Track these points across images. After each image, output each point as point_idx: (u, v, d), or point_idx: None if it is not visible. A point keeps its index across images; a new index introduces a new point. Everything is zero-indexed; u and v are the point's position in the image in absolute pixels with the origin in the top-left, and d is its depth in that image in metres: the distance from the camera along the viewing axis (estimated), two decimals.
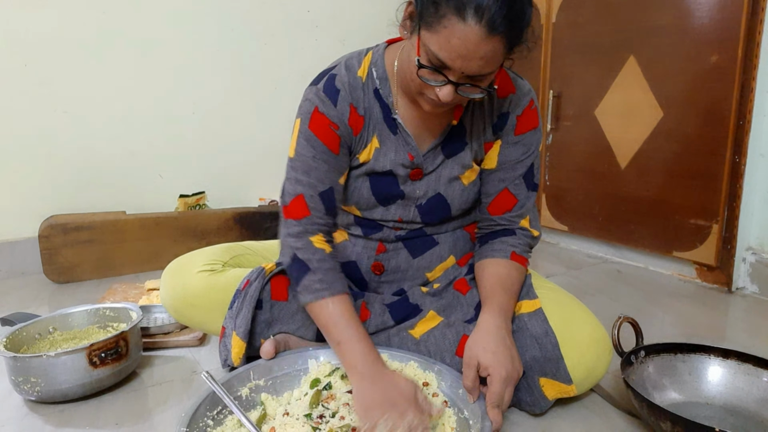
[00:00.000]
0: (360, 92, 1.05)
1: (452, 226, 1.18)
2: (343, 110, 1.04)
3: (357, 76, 1.06)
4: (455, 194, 1.11)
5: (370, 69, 1.06)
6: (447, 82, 0.89)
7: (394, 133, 1.07)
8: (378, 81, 1.06)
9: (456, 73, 0.88)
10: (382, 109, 1.07)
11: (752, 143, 1.64)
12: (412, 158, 1.07)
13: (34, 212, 1.95)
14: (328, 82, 1.05)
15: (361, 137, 1.07)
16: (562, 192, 2.20)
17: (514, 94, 1.08)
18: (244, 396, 1.02)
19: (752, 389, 1.02)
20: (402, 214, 1.12)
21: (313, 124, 1.04)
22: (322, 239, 1.05)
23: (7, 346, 1.13)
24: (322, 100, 1.04)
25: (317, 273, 1.01)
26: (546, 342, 1.00)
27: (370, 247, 1.16)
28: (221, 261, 1.21)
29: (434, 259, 1.18)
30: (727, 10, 1.61)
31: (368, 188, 1.10)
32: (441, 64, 0.87)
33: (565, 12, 2.09)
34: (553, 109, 2.16)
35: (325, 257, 1.03)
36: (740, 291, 1.73)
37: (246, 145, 2.34)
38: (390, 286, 1.19)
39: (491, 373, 0.92)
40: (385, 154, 1.07)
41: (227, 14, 2.23)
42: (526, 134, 1.10)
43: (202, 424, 0.91)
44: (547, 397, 1.02)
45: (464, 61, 0.85)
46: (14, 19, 1.85)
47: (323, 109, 1.04)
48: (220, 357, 1.15)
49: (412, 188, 1.10)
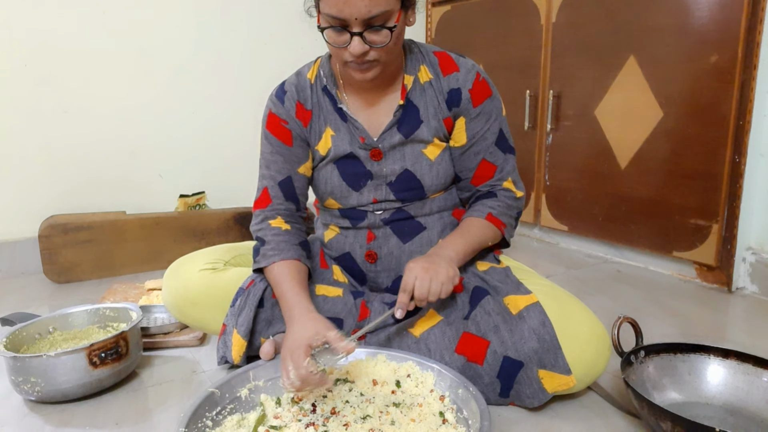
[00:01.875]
0: (308, 91, 1.19)
1: (435, 206, 1.21)
2: (289, 107, 1.18)
3: (306, 78, 1.20)
4: (424, 169, 1.17)
5: (318, 71, 1.20)
6: (350, 35, 0.98)
7: (344, 120, 1.18)
8: (325, 79, 1.18)
9: (353, 23, 0.97)
10: (331, 101, 1.18)
11: (752, 143, 1.63)
12: (363, 140, 1.16)
13: (34, 212, 1.95)
14: (279, 87, 1.22)
15: (311, 128, 1.19)
16: (562, 192, 2.20)
17: (458, 71, 1.15)
18: (243, 397, 1.02)
19: (752, 389, 1.02)
20: (375, 195, 1.18)
21: (269, 124, 1.20)
22: (281, 221, 1.17)
23: (7, 346, 1.13)
24: (273, 102, 1.20)
25: (270, 243, 1.13)
26: (544, 333, 1.01)
27: (360, 236, 1.21)
28: (223, 260, 1.22)
29: (424, 244, 1.20)
30: (727, 10, 1.61)
31: (338, 175, 1.18)
32: (336, 21, 0.98)
33: (565, 12, 2.09)
34: (553, 109, 2.16)
35: (280, 232, 1.14)
36: (740, 291, 1.73)
37: (246, 145, 2.33)
38: (387, 274, 1.22)
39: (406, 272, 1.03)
40: (342, 139, 1.17)
41: (227, 14, 2.23)
42: (483, 103, 1.16)
43: (201, 424, 0.91)
44: (546, 389, 1.02)
45: (350, 7, 0.95)
46: (14, 19, 1.85)
47: (275, 109, 1.20)
48: (218, 353, 1.16)
49: (379, 168, 1.17)
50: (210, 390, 0.97)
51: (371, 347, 1.12)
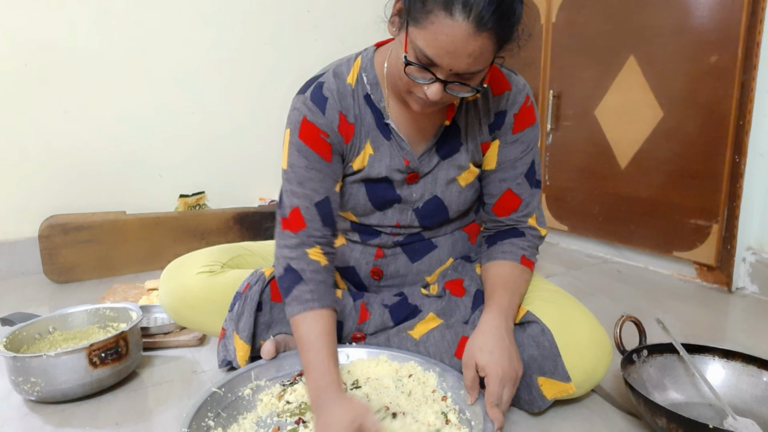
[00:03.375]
0: (350, 99, 1.04)
1: (450, 228, 1.18)
2: (332, 118, 1.03)
3: (346, 83, 1.04)
4: (452, 196, 1.10)
5: (359, 75, 1.05)
6: (435, 80, 0.88)
7: (387, 138, 1.06)
8: (369, 86, 1.04)
9: (444, 70, 0.86)
10: (374, 114, 1.05)
11: (752, 143, 1.63)
12: (407, 163, 1.06)
13: (34, 212, 1.95)
14: (315, 90, 1.03)
15: (353, 145, 1.06)
16: (562, 192, 2.20)
17: (510, 91, 1.07)
18: (246, 396, 1.02)
19: (755, 391, 1.02)
20: (399, 219, 1.12)
21: (303, 133, 1.02)
22: (319, 251, 1.03)
23: (7, 346, 1.13)
24: (310, 109, 1.02)
25: (309, 284, 0.99)
26: (543, 340, 1.00)
27: (368, 252, 1.16)
28: (220, 262, 1.21)
29: (434, 263, 1.17)
30: (727, 10, 1.61)
31: (364, 194, 1.09)
32: (428, 61, 0.86)
33: (565, 12, 2.09)
34: (553, 109, 2.16)
35: (319, 269, 1.01)
36: (740, 291, 1.73)
37: (246, 145, 2.34)
38: (390, 290, 1.19)
39: (488, 372, 0.92)
40: (380, 160, 1.06)
41: (227, 14, 2.23)
42: (524, 131, 1.08)
43: (203, 424, 0.91)
44: (545, 396, 1.01)
45: (452, 59, 0.83)
46: (14, 19, 1.85)
47: (312, 118, 1.02)
48: (218, 357, 1.15)
49: (409, 192, 1.09)
50: (212, 389, 0.97)
51: (372, 347, 1.12)
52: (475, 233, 1.22)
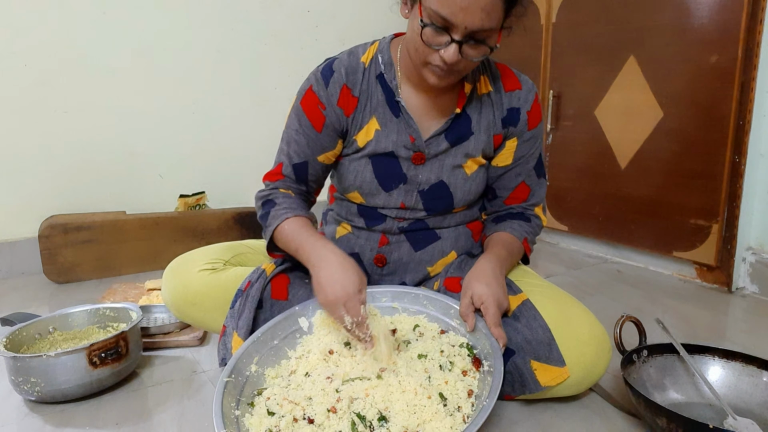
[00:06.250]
0: (359, 75, 1.10)
1: (455, 220, 1.20)
2: (333, 92, 1.10)
3: (360, 61, 1.11)
4: (458, 183, 1.14)
5: (375, 55, 1.11)
6: (451, 41, 0.92)
7: (396, 115, 1.10)
8: (383, 66, 1.10)
9: (459, 29, 0.90)
10: (385, 92, 1.10)
11: (752, 143, 1.64)
12: (413, 140, 1.10)
13: (34, 212, 1.95)
14: (326, 64, 1.12)
15: (354, 118, 1.11)
16: (562, 192, 2.20)
17: (520, 90, 1.13)
18: (254, 372, 1.01)
19: (755, 391, 1.02)
20: (405, 200, 1.15)
21: (305, 100, 1.12)
22: (291, 192, 1.15)
23: (7, 346, 1.13)
24: (317, 80, 1.11)
25: (281, 205, 1.10)
26: (536, 325, 1.02)
27: (373, 239, 1.19)
28: (222, 259, 1.22)
29: (436, 254, 1.19)
30: (727, 10, 1.61)
31: (371, 171, 1.13)
32: (444, 21, 0.90)
33: (565, 12, 2.09)
34: (553, 109, 2.16)
35: (290, 197, 1.13)
36: (740, 291, 1.73)
37: (246, 145, 2.34)
38: (392, 278, 1.21)
39: (485, 300, 0.98)
40: (387, 135, 1.11)
41: (227, 14, 2.23)
42: (536, 128, 1.16)
43: (233, 417, 0.90)
44: (539, 382, 1.02)
45: (466, 14, 0.88)
46: (14, 19, 1.85)
47: (316, 88, 1.11)
48: (218, 355, 1.15)
49: (415, 173, 1.13)
50: (225, 380, 0.95)
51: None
52: (478, 231, 1.25)
